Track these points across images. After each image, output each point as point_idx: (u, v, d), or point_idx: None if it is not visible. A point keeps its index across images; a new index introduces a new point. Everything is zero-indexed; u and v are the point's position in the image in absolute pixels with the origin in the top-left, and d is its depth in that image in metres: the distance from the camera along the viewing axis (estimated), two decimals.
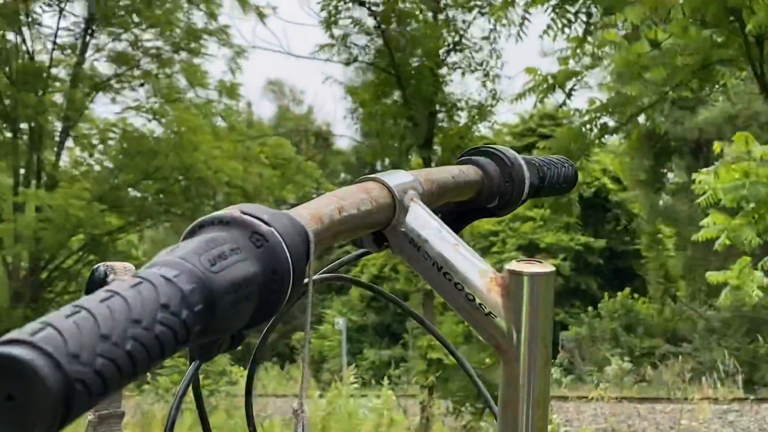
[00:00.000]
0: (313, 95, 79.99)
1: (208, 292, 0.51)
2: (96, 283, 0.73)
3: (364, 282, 1.08)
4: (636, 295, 23.70)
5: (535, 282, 0.73)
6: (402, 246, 0.81)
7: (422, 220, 0.80)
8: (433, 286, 0.80)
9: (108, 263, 0.75)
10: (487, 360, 9.99)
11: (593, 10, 8.95)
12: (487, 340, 0.76)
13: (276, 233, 0.58)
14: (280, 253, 0.58)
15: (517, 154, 0.99)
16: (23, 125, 16.98)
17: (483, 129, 13.36)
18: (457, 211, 0.98)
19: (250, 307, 0.57)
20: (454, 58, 12.43)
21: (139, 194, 17.64)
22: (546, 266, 0.74)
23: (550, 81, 9.75)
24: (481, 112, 12.28)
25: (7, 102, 16.32)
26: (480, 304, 0.75)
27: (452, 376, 11.12)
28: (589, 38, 9.30)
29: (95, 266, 0.74)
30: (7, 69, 16.05)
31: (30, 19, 17.03)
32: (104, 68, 18.22)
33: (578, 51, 9.48)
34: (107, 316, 0.44)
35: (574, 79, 9.84)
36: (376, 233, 0.82)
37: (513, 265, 0.75)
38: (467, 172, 0.95)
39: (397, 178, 0.81)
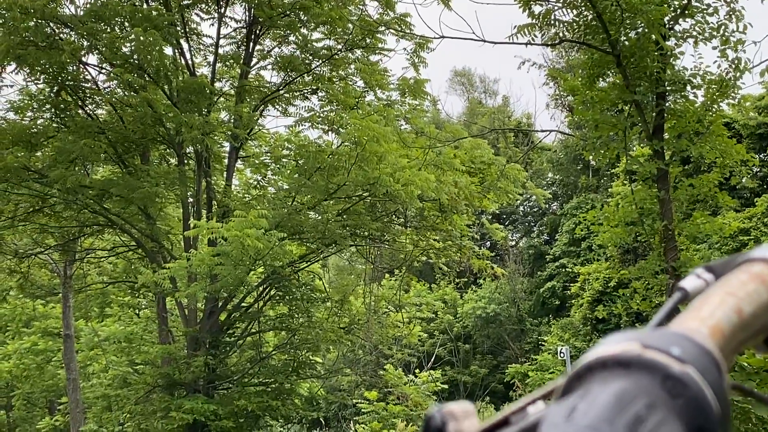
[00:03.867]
0: (507, 83, 79.72)
1: None
2: None
3: None
4: None
5: None
6: None
7: None
8: None
9: (444, 408, 0.68)
10: None
11: None
12: None
13: (693, 374, 0.52)
14: (705, 403, 0.51)
15: None
16: (188, 149, 17.69)
17: (723, 106, 12.79)
18: None
19: None
20: (683, 25, 11.98)
21: (320, 217, 17.94)
22: None
23: None
24: (723, 87, 11.73)
25: (169, 125, 17.05)
26: None
27: None
28: None
29: (429, 413, 0.68)
30: (166, 88, 16.76)
31: (187, 30, 17.78)
32: (272, 77, 18.80)
33: None
34: None
35: None
36: None
37: None
38: None
39: None
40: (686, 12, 11.80)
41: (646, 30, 11.48)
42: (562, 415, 0.49)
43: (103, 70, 17.44)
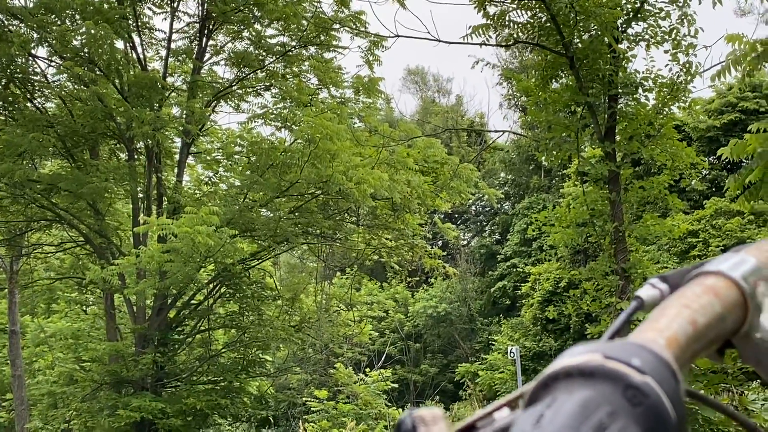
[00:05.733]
0: (461, 83, 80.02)
1: None
2: None
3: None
4: None
5: None
6: (758, 356, 0.74)
7: None
8: None
9: (414, 413, 0.71)
10: None
11: None
12: None
13: (652, 383, 0.55)
14: (663, 411, 0.55)
15: None
16: (139, 144, 17.57)
17: (674, 109, 12.96)
18: None
19: None
20: (635, 28, 12.12)
21: (271, 214, 17.93)
22: None
23: (760, 49, 9.31)
24: (674, 90, 11.90)
25: (120, 120, 16.92)
26: None
27: None
28: None
29: (401, 418, 0.71)
30: (117, 82, 16.63)
31: (139, 24, 17.65)
32: (225, 73, 18.68)
33: None
34: None
35: None
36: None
37: None
38: None
39: (740, 268, 0.74)
40: (639, 15, 11.94)
41: (599, 33, 11.61)
42: (530, 422, 0.52)
43: (53, 63, 17.25)
